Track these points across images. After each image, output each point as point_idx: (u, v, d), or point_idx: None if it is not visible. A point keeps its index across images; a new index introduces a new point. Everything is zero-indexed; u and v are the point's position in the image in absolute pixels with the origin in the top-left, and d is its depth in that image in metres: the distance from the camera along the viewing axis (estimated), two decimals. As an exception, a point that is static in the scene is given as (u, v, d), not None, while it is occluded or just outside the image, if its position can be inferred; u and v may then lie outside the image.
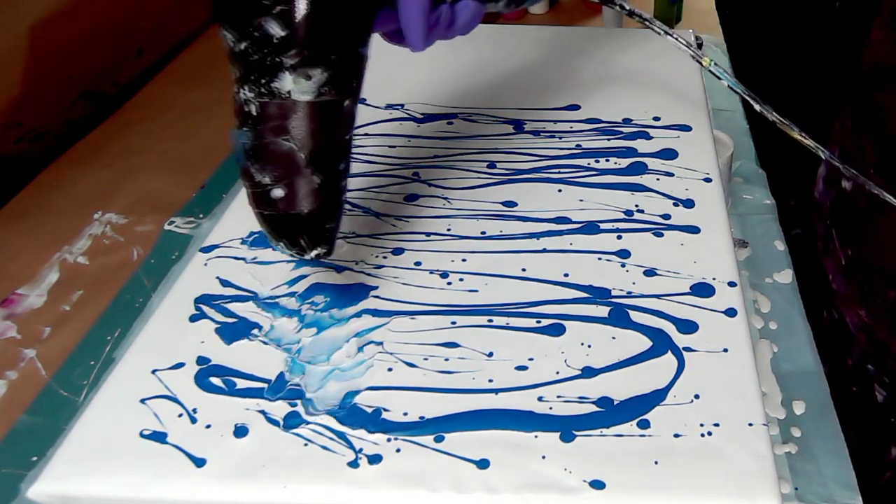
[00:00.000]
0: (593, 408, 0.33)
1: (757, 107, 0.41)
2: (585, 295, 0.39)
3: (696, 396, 0.33)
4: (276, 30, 0.30)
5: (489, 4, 0.39)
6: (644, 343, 0.36)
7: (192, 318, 0.39)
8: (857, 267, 0.44)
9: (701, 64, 0.43)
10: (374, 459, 0.31)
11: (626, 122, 0.52)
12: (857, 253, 0.44)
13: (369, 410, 0.33)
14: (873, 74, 0.45)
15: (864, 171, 0.39)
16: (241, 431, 0.33)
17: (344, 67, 0.33)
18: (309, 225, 0.34)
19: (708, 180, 0.46)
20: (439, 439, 0.32)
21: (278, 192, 0.33)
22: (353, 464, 0.31)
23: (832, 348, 0.47)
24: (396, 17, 0.35)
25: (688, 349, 0.35)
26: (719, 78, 0.43)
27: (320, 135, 0.33)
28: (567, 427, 0.32)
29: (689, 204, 0.44)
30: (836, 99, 0.50)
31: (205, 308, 0.39)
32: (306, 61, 0.31)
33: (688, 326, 0.36)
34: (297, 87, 0.31)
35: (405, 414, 0.33)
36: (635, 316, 0.37)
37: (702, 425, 0.32)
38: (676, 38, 0.43)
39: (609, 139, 0.51)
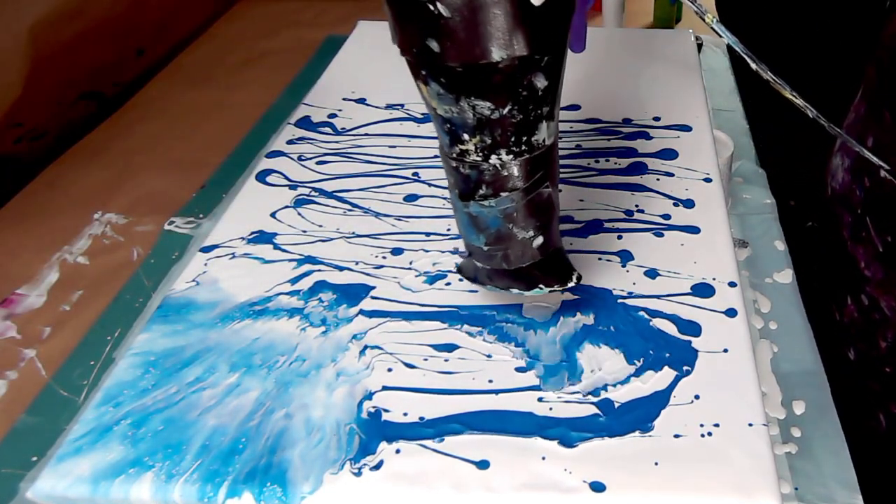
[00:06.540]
0: (594, 409, 0.33)
1: (753, 65, 0.40)
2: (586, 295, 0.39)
3: (696, 397, 0.33)
4: (541, 82, 0.30)
5: None
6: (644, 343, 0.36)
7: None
8: None
9: (703, 20, 0.41)
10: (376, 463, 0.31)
11: (626, 122, 0.52)
12: None
13: (373, 413, 0.33)
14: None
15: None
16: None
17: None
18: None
19: (708, 180, 0.46)
20: (439, 440, 0.32)
21: (539, 240, 0.33)
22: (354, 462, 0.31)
23: (859, 336, 0.47)
24: None
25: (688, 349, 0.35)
26: (720, 35, 0.41)
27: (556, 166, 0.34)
28: (567, 428, 0.32)
29: (689, 204, 0.44)
30: (839, 96, 0.49)
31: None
32: (555, 104, 0.32)
33: (688, 327, 0.36)
34: (548, 132, 0.32)
35: (405, 414, 0.33)
36: (636, 316, 0.37)
37: (702, 426, 0.32)
38: None
39: (609, 139, 0.51)
